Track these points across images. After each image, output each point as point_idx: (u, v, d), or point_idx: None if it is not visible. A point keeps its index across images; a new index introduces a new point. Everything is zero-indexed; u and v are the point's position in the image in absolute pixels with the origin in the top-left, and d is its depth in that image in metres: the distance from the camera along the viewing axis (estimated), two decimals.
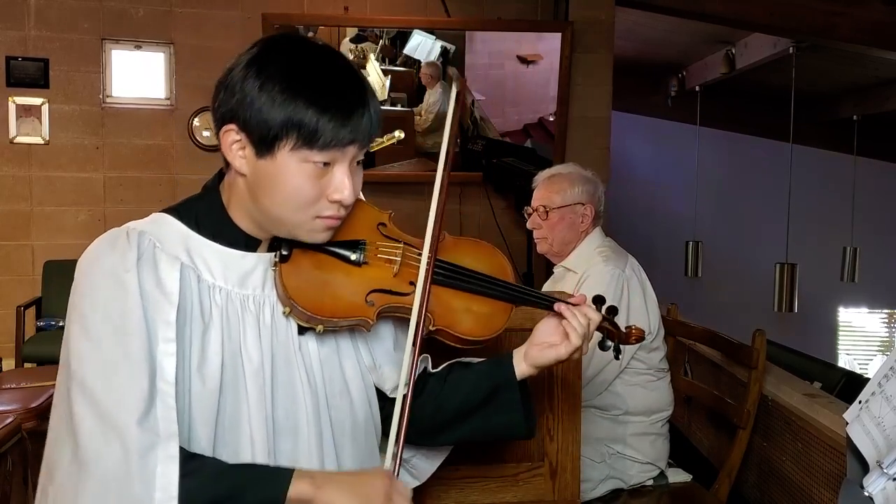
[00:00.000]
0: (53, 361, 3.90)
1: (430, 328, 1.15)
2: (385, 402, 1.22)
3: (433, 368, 1.30)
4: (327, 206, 1.06)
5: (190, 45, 4.45)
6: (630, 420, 2.19)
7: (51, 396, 3.03)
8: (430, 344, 1.21)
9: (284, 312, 1.09)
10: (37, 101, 4.36)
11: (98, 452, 0.94)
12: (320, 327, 1.09)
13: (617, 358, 1.30)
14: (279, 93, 1.00)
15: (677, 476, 2.28)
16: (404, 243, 1.17)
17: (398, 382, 1.16)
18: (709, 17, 4.77)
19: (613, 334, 1.26)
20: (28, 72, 4.34)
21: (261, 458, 1.06)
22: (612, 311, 1.27)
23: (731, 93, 7.08)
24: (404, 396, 1.10)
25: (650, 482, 2.23)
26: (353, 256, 1.13)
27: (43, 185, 4.40)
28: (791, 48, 5.14)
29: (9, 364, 4.05)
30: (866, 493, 1.11)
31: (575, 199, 2.25)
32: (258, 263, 1.11)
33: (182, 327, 1.03)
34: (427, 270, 1.12)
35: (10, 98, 4.32)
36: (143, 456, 0.94)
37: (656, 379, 2.23)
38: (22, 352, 3.85)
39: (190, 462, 0.97)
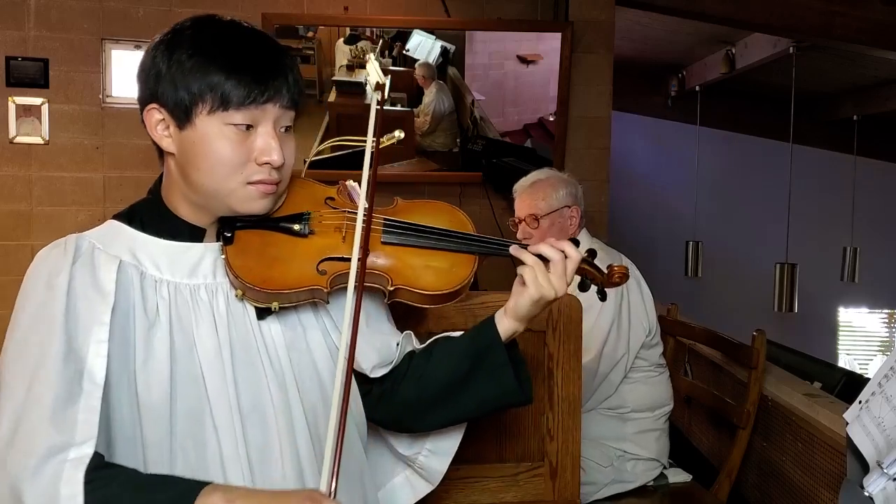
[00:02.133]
0: None
1: (389, 288, 1.12)
2: (369, 383, 1.20)
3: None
4: (257, 169, 1.05)
5: None
6: (635, 417, 2.21)
7: None
8: (403, 324, 1.18)
9: (237, 295, 1.08)
10: (37, 101, 4.36)
11: (6, 450, 0.92)
12: (275, 304, 1.07)
13: (603, 299, 1.24)
14: (188, 60, 1.02)
15: (677, 476, 2.29)
16: (349, 211, 1.14)
17: (377, 361, 1.14)
18: (709, 17, 4.77)
19: (593, 275, 1.21)
20: (28, 72, 4.33)
21: (228, 448, 1.04)
22: (591, 253, 1.22)
23: (731, 93, 7.07)
24: (341, 397, 0.99)
25: (651, 483, 2.23)
26: (297, 227, 1.11)
27: (43, 185, 4.39)
28: (791, 48, 5.14)
29: None
30: (866, 494, 1.10)
31: (561, 203, 2.27)
32: (205, 253, 1.10)
33: (124, 327, 1.02)
34: (364, 227, 1.08)
35: (9, 98, 4.32)
36: (51, 456, 0.91)
37: (656, 374, 2.26)
38: None
39: (102, 470, 0.94)
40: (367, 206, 1.07)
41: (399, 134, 2.87)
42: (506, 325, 1.17)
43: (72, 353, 0.96)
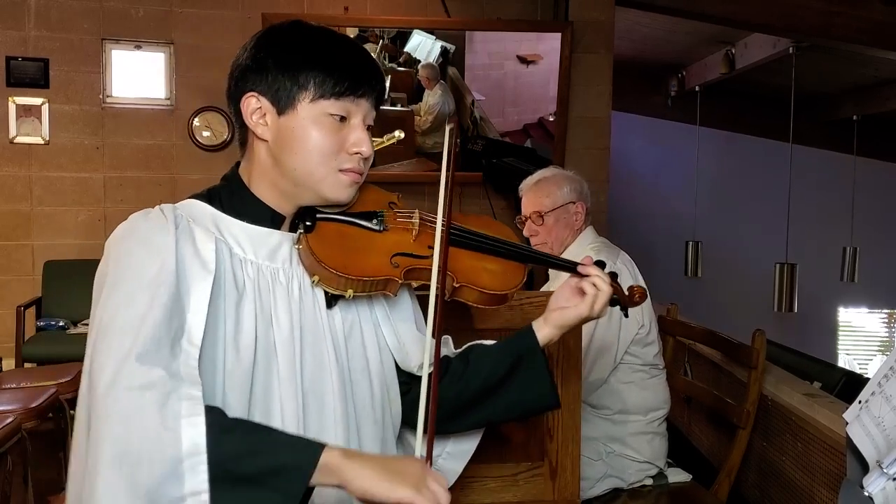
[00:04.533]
0: (54, 361, 3.93)
1: (455, 285, 1.19)
2: (411, 383, 1.24)
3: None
4: (348, 158, 1.12)
5: (190, 45, 4.45)
6: (627, 420, 2.19)
7: (51, 396, 3.04)
8: (450, 322, 1.24)
9: (313, 282, 1.13)
10: (37, 101, 4.37)
11: (119, 395, 0.91)
12: (350, 291, 1.12)
13: (626, 315, 1.35)
14: (291, 53, 1.10)
15: (677, 476, 2.28)
16: (419, 210, 1.23)
17: (423, 361, 1.17)
18: (709, 17, 4.77)
19: (618, 292, 1.30)
20: (28, 72, 4.34)
21: (291, 430, 1.06)
22: (613, 276, 1.32)
23: (731, 93, 7.08)
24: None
25: (649, 481, 2.23)
26: (374, 224, 1.18)
27: (43, 185, 4.40)
28: (791, 48, 5.14)
29: (9, 364, 4.05)
30: (866, 493, 1.11)
31: (566, 199, 2.29)
32: (283, 240, 1.14)
33: (216, 299, 1.04)
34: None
35: (10, 98, 4.32)
36: (169, 394, 0.91)
37: (650, 377, 2.23)
38: (22, 352, 3.85)
39: (217, 412, 0.95)
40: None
41: (399, 134, 2.86)
42: (545, 332, 1.24)
43: (176, 311, 0.99)
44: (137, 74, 4.44)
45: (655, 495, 2.20)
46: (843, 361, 7.70)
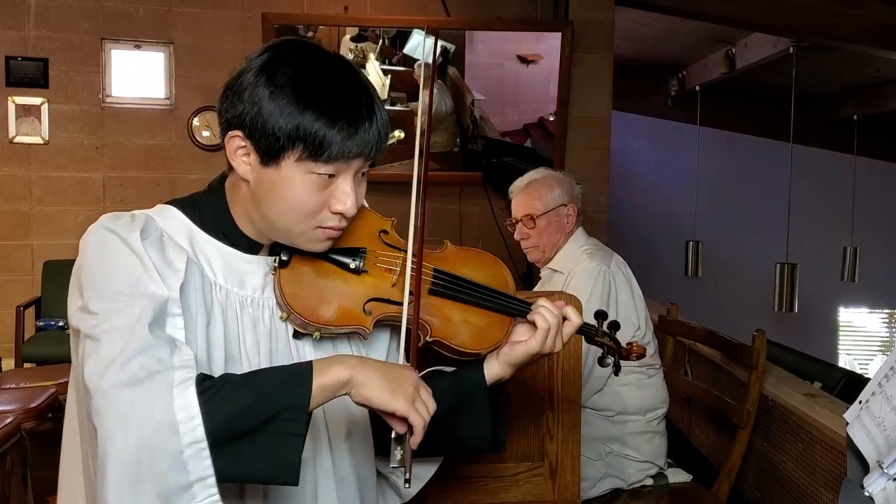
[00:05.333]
0: (53, 361, 3.92)
1: (428, 339, 1.14)
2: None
3: None
4: (329, 216, 1.05)
5: (190, 44, 4.45)
6: (626, 420, 2.19)
7: (50, 397, 3.04)
8: (426, 353, 1.19)
9: (282, 317, 1.09)
10: (36, 100, 4.36)
11: (114, 396, 0.89)
12: (317, 334, 1.09)
13: (616, 374, 1.29)
14: (287, 104, 0.99)
15: (677, 476, 2.28)
16: (405, 251, 1.16)
17: None
18: (709, 17, 4.77)
19: (614, 350, 1.26)
20: (28, 72, 4.34)
21: None
22: (614, 326, 1.27)
23: (731, 93, 7.08)
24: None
25: (649, 481, 2.23)
26: (353, 264, 1.12)
27: (43, 185, 4.39)
28: (791, 48, 5.14)
29: (8, 364, 4.05)
30: (866, 494, 1.10)
31: (557, 202, 2.27)
32: (259, 266, 1.10)
33: (186, 317, 1.01)
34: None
35: (9, 98, 4.32)
36: (160, 383, 0.89)
37: (647, 377, 2.23)
38: (22, 352, 3.85)
39: (205, 382, 0.93)
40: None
41: (399, 134, 2.84)
42: (495, 370, 1.19)
43: (154, 297, 0.96)
44: (137, 74, 4.44)
45: (656, 496, 2.20)
46: (844, 361, 7.70)
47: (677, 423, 3.17)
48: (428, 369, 1.25)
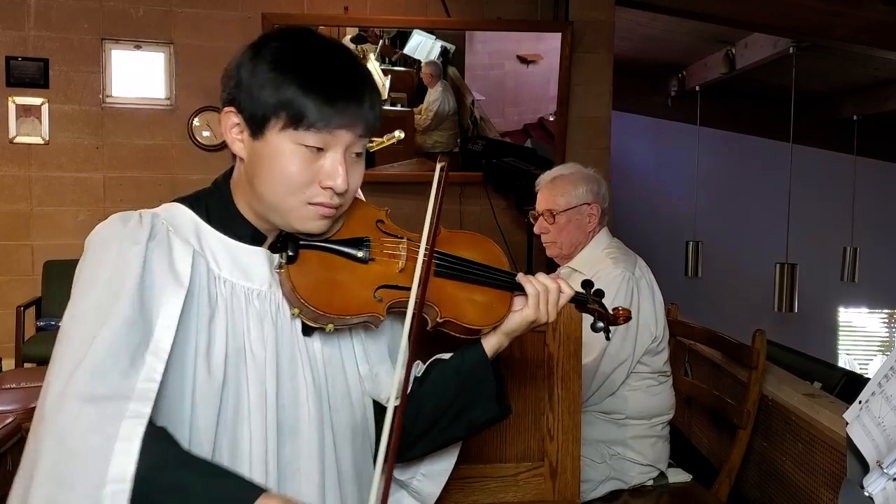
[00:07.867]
0: None
1: (438, 320, 1.15)
2: (381, 412, 1.19)
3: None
4: (319, 192, 1.05)
5: (190, 44, 4.45)
6: (630, 423, 2.18)
7: None
8: (426, 340, 1.19)
9: (293, 314, 1.08)
10: (37, 101, 4.36)
11: (61, 407, 0.89)
12: (330, 326, 1.08)
13: (608, 339, 1.32)
14: (268, 73, 1.02)
15: (677, 476, 2.28)
16: (406, 238, 1.18)
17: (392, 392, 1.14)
18: (709, 17, 4.77)
19: (602, 315, 1.29)
20: (28, 72, 4.33)
21: (257, 458, 1.04)
22: (599, 294, 1.31)
23: (731, 93, 7.08)
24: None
25: (650, 482, 2.23)
26: (360, 254, 1.13)
27: (43, 185, 4.39)
28: (791, 48, 5.14)
29: (9, 364, 4.05)
30: (866, 494, 1.10)
31: (580, 200, 2.21)
32: (263, 259, 1.11)
33: (188, 314, 1.01)
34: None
35: (9, 98, 4.32)
36: (110, 413, 0.88)
37: (658, 384, 2.21)
38: (22, 352, 3.85)
39: (159, 439, 0.91)
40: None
41: (399, 134, 2.83)
42: (492, 341, 1.21)
43: (139, 323, 0.95)
44: (137, 74, 4.44)
45: (656, 495, 2.20)
46: (844, 361, 7.70)
47: (678, 423, 3.17)
48: (433, 359, 1.27)
